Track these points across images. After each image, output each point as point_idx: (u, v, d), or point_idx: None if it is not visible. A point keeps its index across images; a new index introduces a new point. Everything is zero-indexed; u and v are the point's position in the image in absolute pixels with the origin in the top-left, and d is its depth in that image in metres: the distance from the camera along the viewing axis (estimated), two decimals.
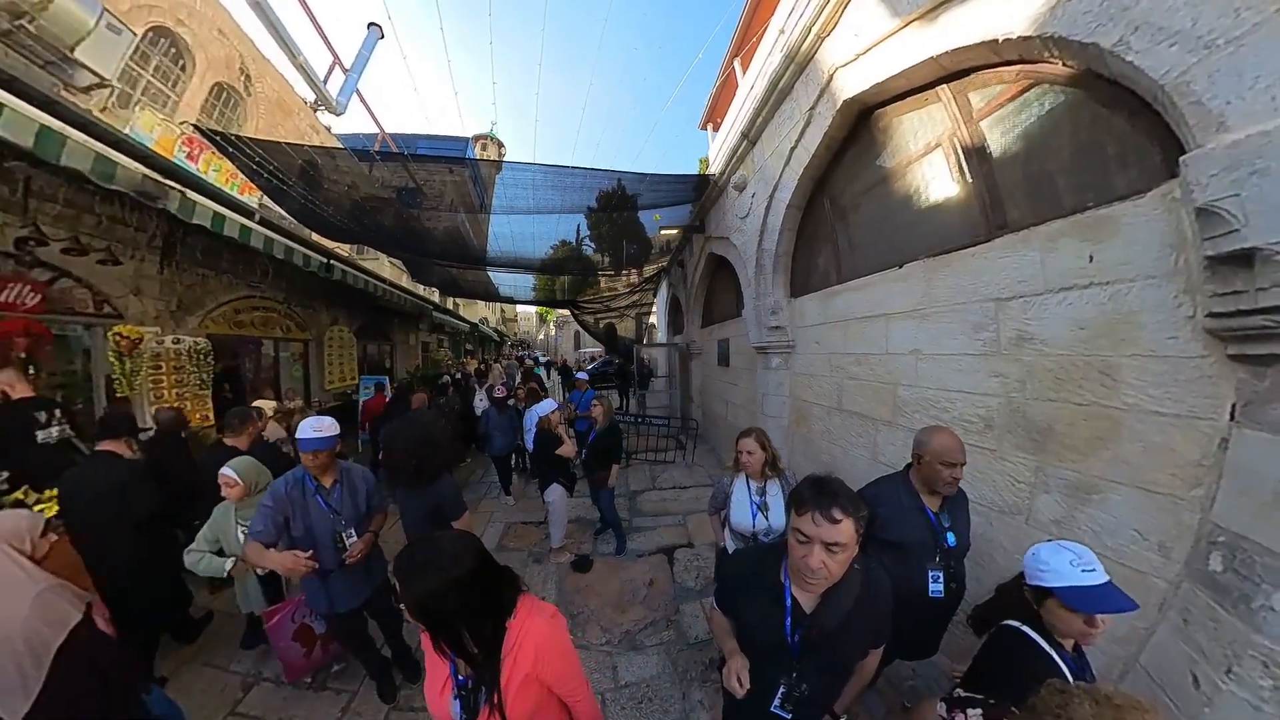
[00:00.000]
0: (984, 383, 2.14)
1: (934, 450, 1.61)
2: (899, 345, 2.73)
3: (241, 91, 6.87)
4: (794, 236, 4.10)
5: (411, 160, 5.50)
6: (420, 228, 6.27)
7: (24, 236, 3.47)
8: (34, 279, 3.61)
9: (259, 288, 5.93)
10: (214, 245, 4.77)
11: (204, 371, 4.88)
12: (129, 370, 4.14)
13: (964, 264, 2.27)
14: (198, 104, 6.25)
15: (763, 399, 4.45)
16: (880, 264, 2.94)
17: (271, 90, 7.42)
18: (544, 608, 1.13)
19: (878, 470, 2.70)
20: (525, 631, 1.04)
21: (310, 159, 5.12)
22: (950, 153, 2.39)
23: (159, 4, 5.53)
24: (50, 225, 3.62)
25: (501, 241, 6.49)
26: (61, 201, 3.62)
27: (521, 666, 1.01)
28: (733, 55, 6.04)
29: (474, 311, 19.50)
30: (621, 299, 10.84)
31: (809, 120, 3.31)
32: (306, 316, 6.96)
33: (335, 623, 2.16)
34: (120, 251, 4.12)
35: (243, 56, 6.70)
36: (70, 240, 3.74)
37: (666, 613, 3.07)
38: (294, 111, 8.06)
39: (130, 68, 5.32)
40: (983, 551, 2.01)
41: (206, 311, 5.19)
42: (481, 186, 6.52)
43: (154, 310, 4.56)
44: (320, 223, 6.15)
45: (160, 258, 4.53)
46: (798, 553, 1.04)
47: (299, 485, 1.98)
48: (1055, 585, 1.11)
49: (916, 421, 2.54)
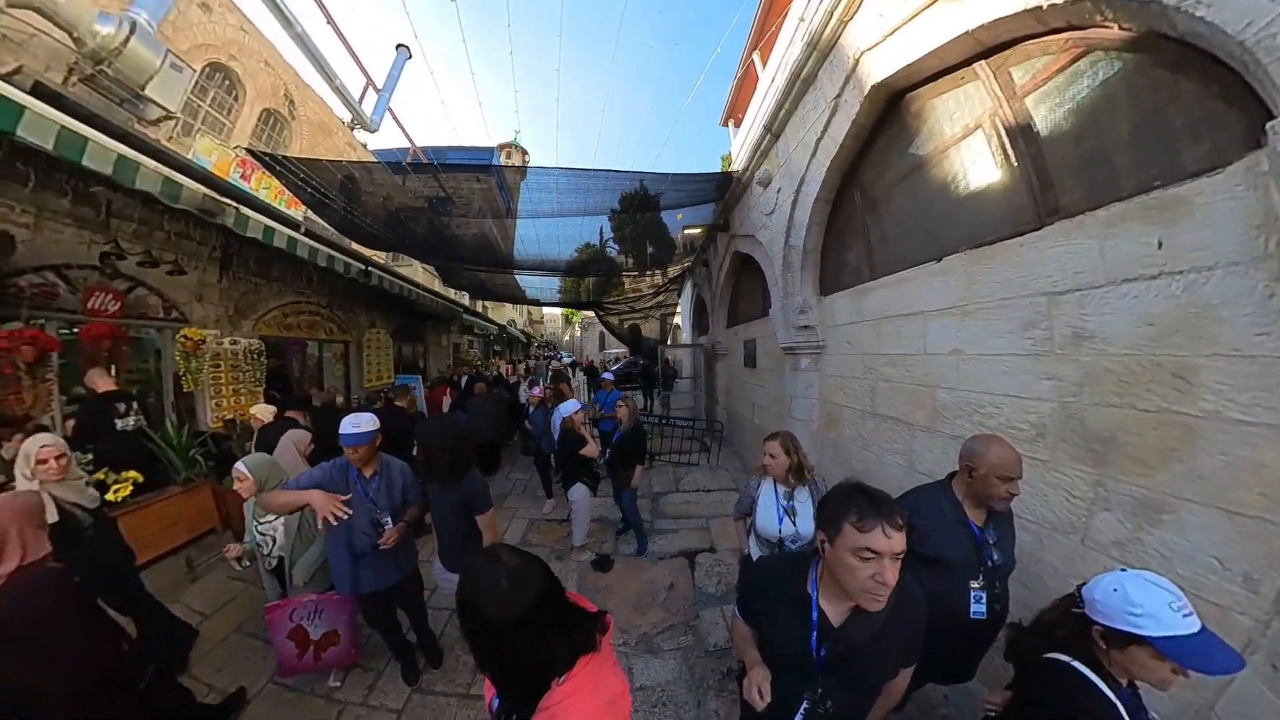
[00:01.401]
0: (1035, 386, 1.94)
1: (990, 463, 1.46)
2: (938, 345, 2.54)
3: (286, 116, 7.47)
4: (822, 232, 3.92)
5: (441, 171, 5.74)
6: (451, 234, 6.52)
7: (106, 251, 3.95)
8: (115, 288, 4.15)
9: (305, 293, 6.43)
10: (265, 255, 5.21)
11: (257, 370, 5.38)
12: (193, 368, 4.66)
13: (1010, 255, 2.07)
14: (249, 129, 6.84)
15: (791, 401, 4.28)
16: (916, 258, 2.75)
17: (313, 113, 8.01)
18: (607, 688, 0.90)
19: (914, 479, 2.52)
20: (568, 708, 0.85)
21: (349, 174, 5.45)
22: (992, 134, 2.20)
23: (214, 42, 6.08)
24: (128, 241, 4.09)
25: (527, 245, 6.63)
26: (137, 220, 4.08)
27: None
28: (752, 48, 5.89)
29: (502, 314, 20.06)
30: (646, 300, 10.84)
31: (835, 109, 3.15)
32: (347, 319, 7.48)
33: (362, 603, 2.29)
34: (186, 263, 4.62)
35: (287, 84, 7.28)
36: (144, 254, 4.23)
37: (685, 617, 3.02)
38: (333, 131, 8.64)
39: (191, 100, 5.86)
40: (1030, 572, 1.83)
41: (259, 315, 5.69)
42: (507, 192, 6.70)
43: (214, 315, 5.06)
44: (359, 232, 6.55)
45: (219, 268, 5.04)
46: (865, 572, 0.95)
47: (342, 471, 2.13)
48: (1153, 635, 0.92)
49: (958, 428, 2.35)
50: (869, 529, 0.95)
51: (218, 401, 4.98)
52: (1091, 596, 1.04)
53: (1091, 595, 1.04)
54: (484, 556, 0.93)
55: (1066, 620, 1.09)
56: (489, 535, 2.25)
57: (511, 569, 0.88)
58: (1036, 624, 1.21)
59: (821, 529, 1.07)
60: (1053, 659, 1.08)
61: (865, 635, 1.05)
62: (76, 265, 3.84)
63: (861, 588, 0.97)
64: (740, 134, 5.97)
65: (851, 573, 0.97)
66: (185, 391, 4.70)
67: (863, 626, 1.05)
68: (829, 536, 1.03)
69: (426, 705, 2.37)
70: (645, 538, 3.97)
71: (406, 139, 10.71)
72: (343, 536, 2.07)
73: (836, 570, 1.02)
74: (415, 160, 9.60)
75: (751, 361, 6.09)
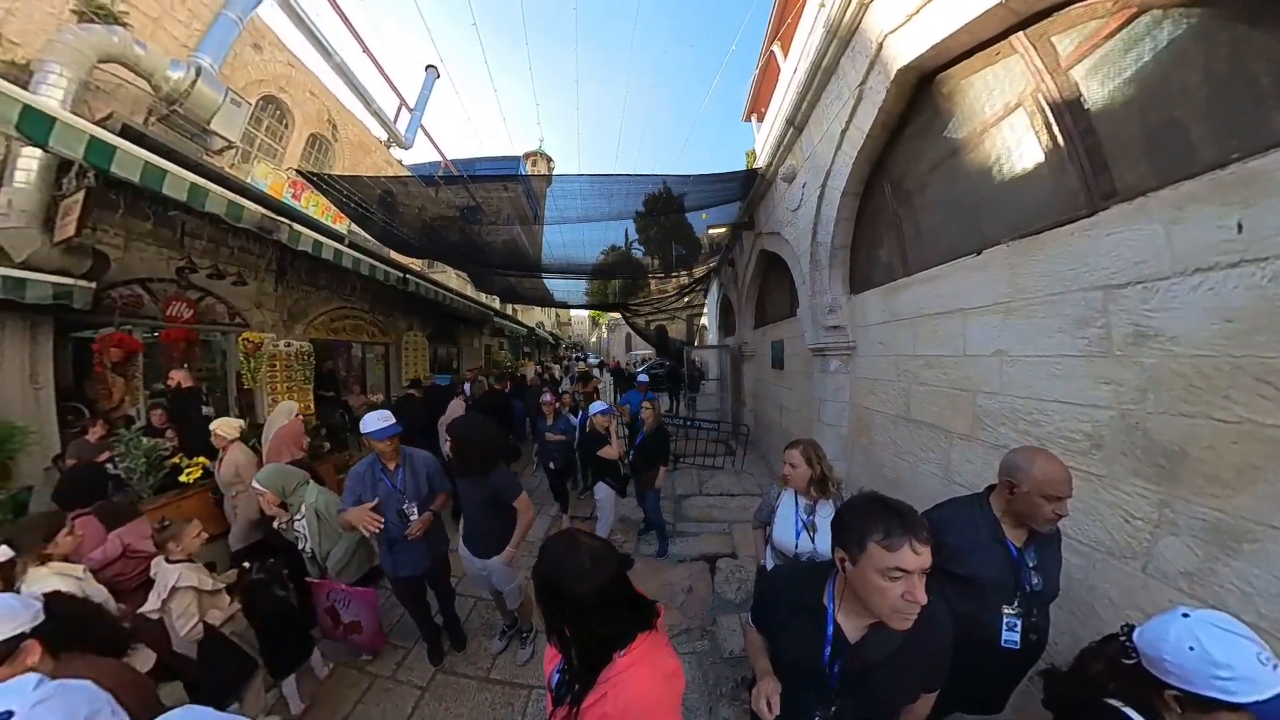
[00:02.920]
0: (1089, 391, 1.73)
1: (1035, 480, 1.31)
2: (979, 345, 2.32)
3: (330, 138, 8.10)
4: (851, 227, 3.72)
5: (471, 181, 5.97)
6: (481, 241, 6.79)
7: (181, 266, 4.50)
8: (189, 298, 4.74)
9: (349, 300, 6.99)
10: (314, 266, 5.70)
11: (307, 369, 5.90)
12: (253, 367, 5.23)
13: (1060, 245, 1.86)
14: (298, 153, 7.45)
15: (820, 405, 4.08)
16: (954, 252, 2.54)
17: (353, 134, 8.63)
18: (663, 663, 1.00)
19: (950, 491, 2.32)
20: (627, 678, 0.93)
21: (386, 188, 5.81)
22: (1035, 112, 1.99)
23: (266, 78, 6.70)
24: (198, 257, 4.65)
25: (554, 249, 6.76)
26: (206, 238, 4.58)
27: (605, 706, 0.93)
28: (771, 39, 5.71)
29: (530, 316, 20.56)
30: (671, 301, 10.78)
31: (859, 97, 2.97)
32: (387, 323, 8.04)
33: (397, 585, 2.46)
34: (247, 274, 5.17)
35: (330, 110, 7.92)
36: (212, 267, 4.77)
37: (703, 622, 2.98)
38: (371, 150, 9.27)
39: (248, 130, 6.41)
40: (1080, 601, 1.62)
41: (309, 320, 6.26)
42: (534, 200, 6.86)
43: (271, 320, 5.63)
44: (397, 242, 6.95)
45: (275, 278, 5.60)
46: (895, 591, 0.89)
47: (370, 467, 2.32)
48: (1251, 701, 0.76)
49: (1001, 436, 2.14)
50: (897, 547, 0.88)
51: (273, 398, 5.47)
52: (1158, 655, 0.86)
53: (1158, 653, 0.87)
54: (565, 539, 1.02)
55: (1118, 673, 0.94)
56: (526, 516, 2.34)
57: (593, 549, 0.99)
58: (1080, 672, 1.05)
59: (841, 548, 0.98)
60: (1108, 705, 0.93)
61: (882, 654, 0.99)
62: (157, 279, 4.43)
63: (892, 608, 0.91)
64: (763, 129, 5.80)
65: (880, 594, 0.91)
66: (245, 388, 5.29)
67: (880, 644, 0.99)
68: (851, 557, 0.95)
69: (449, 685, 2.49)
70: (667, 539, 3.96)
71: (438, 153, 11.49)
72: None
73: (862, 590, 0.96)
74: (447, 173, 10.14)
75: (779, 363, 5.89)
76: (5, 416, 3.25)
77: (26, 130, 2.57)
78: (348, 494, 2.29)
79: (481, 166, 15.46)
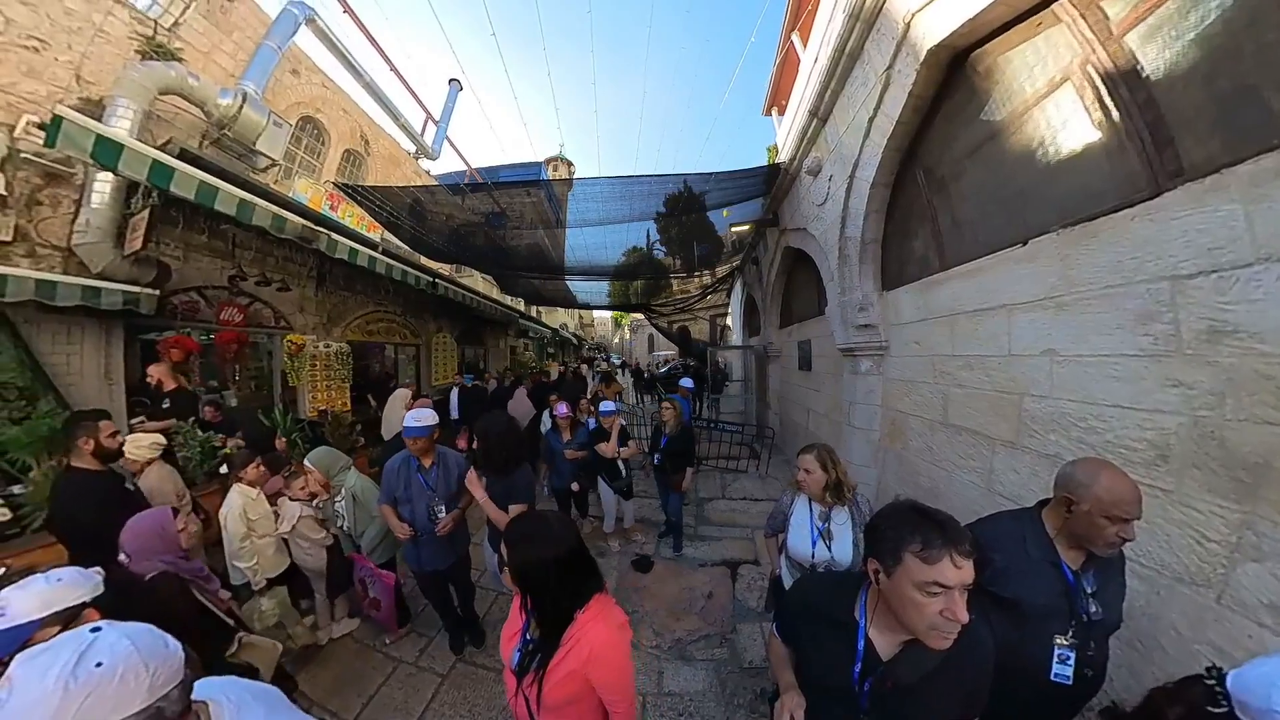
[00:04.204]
0: (1154, 394, 1.54)
1: (1099, 498, 1.15)
2: (1026, 344, 2.13)
3: (363, 153, 8.58)
4: (882, 219, 3.52)
5: (495, 188, 6.12)
6: (506, 246, 6.94)
7: (233, 274, 4.92)
8: (239, 303, 5.06)
9: (383, 304, 7.37)
10: (351, 272, 5.99)
11: (345, 369, 6.30)
12: (296, 367, 5.64)
13: (1119, 231, 1.68)
14: (334, 168, 7.93)
15: (849, 408, 3.90)
16: (996, 242, 2.35)
17: (384, 148, 9.11)
18: (615, 615, 1.16)
19: (992, 503, 2.15)
20: (587, 630, 1.09)
21: (416, 198, 6.06)
22: (1084, 86, 1.80)
23: (304, 100, 7.18)
24: (247, 266, 4.97)
25: (577, 252, 6.82)
26: (254, 249, 4.95)
27: (571, 661, 1.07)
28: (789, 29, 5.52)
29: (554, 318, 20.93)
30: (694, 301, 10.65)
31: (887, 82, 2.80)
32: (418, 325, 8.43)
33: (422, 579, 2.56)
34: (290, 281, 5.59)
35: (362, 127, 8.40)
36: (260, 275, 5.13)
37: (722, 629, 2.90)
38: (401, 162, 9.73)
39: (289, 149, 6.85)
40: (1142, 631, 1.45)
41: (346, 323, 6.67)
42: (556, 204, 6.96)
43: (312, 323, 6.04)
44: (426, 248, 7.23)
45: (316, 284, 6.01)
46: (933, 608, 0.83)
47: (406, 464, 2.39)
48: None
49: (1050, 444, 1.96)
50: (935, 559, 0.82)
51: (313, 395, 5.88)
52: (1268, 706, 0.74)
53: (1268, 704, 0.74)
54: (532, 514, 1.21)
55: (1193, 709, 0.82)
56: None
57: (560, 519, 1.19)
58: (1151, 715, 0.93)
59: (875, 559, 0.93)
60: None
61: (917, 674, 0.92)
62: (211, 286, 4.82)
63: (930, 625, 0.84)
64: (784, 122, 5.61)
65: (917, 609, 0.85)
66: (289, 386, 5.71)
67: (915, 664, 0.92)
68: (886, 568, 0.89)
69: (467, 675, 2.57)
70: (682, 538, 3.94)
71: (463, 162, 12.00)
72: (408, 521, 2.35)
73: (897, 605, 0.90)
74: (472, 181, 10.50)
75: (806, 364, 5.68)
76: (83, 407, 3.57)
77: (100, 157, 2.85)
78: (384, 488, 2.41)
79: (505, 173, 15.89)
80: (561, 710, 1.11)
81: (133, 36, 4.47)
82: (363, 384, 7.08)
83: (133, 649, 0.64)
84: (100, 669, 0.60)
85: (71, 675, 0.58)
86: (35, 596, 1.06)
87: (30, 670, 0.59)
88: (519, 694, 1.13)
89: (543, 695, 1.07)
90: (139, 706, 0.61)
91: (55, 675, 0.57)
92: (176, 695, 0.67)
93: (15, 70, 3.68)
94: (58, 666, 0.58)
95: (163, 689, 0.65)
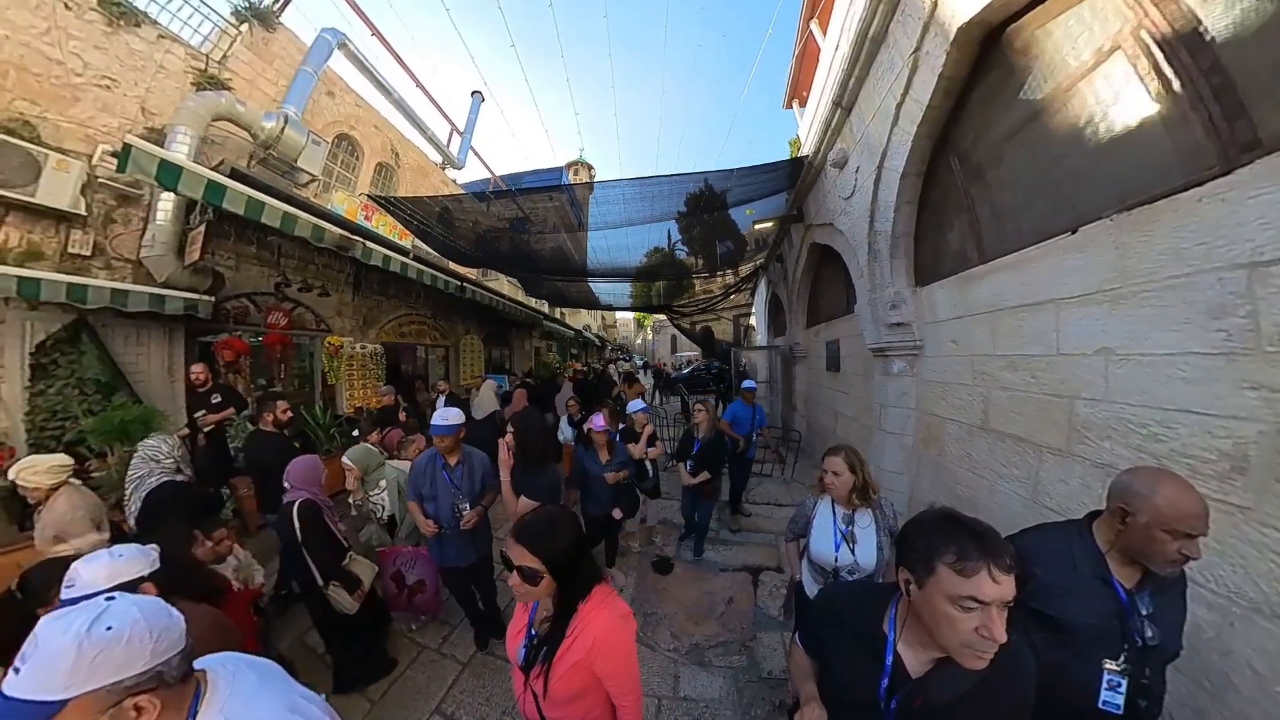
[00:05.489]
0: (1229, 398, 1.36)
1: (1158, 510, 1.04)
2: (1077, 342, 1.94)
3: (394, 166, 9.01)
4: (914, 211, 3.33)
5: (518, 194, 6.25)
6: (530, 250, 7.11)
7: (278, 282, 5.38)
8: (284, 308, 5.46)
9: (414, 307, 7.85)
10: (384, 278, 6.49)
11: (379, 369, 6.77)
12: (335, 367, 6.11)
13: (1184, 215, 1.50)
14: (368, 180, 8.36)
15: (881, 411, 3.69)
16: (1041, 231, 2.16)
17: (413, 160, 9.54)
18: (618, 605, 1.16)
19: (1037, 515, 1.97)
20: (590, 620, 1.10)
21: (444, 206, 6.33)
22: (1137, 54, 1.61)
23: (339, 119, 7.63)
24: (291, 273, 5.39)
25: (599, 254, 6.87)
26: (297, 258, 5.38)
27: (575, 652, 1.08)
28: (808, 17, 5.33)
29: (578, 319, 21.22)
30: (717, 301, 10.48)
31: (915, 65, 2.64)
32: (447, 327, 8.94)
33: (446, 574, 2.64)
34: (329, 287, 6.04)
35: (392, 141, 8.85)
36: (302, 282, 5.65)
37: (742, 636, 2.83)
38: (429, 173, 10.17)
39: (327, 164, 7.25)
40: (1210, 667, 1.27)
41: (380, 325, 7.13)
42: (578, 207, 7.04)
43: (349, 326, 6.51)
44: (454, 253, 7.51)
45: (352, 289, 6.47)
46: (967, 624, 0.77)
47: (432, 461, 2.47)
48: None
49: (1105, 453, 1.77)
50: (972, 572, 0.76)
51: (350, 393, 6.28)
52: None
53: None
54: (544, 509, 1.22)
55: None
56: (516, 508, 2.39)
57: (569, 512, 1.23)
58: None
59: (906, 568, 0.87)
60: None
61: (950, 695, 0.86)
62: (260, 292, 5.21)
63: (963, 643, 0.79)
64: (807, 114, 5.43)
65: (950, 625, 0.79)
66: (329, 385, 6.17)
67: (948, 683, 0.86)
68: (917, 579, 0.84)
69: (487, 665, 2.64)
70: (704, 541, 3.89)
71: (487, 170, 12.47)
72: (433, 518, 2.43)
73: (928, 619, 0.84)
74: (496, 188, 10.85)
75: (834, 365, 5.44)
76: (150, 402, 4.03)
77: (163, 179, 3.18)
78: (410, 486, 2.50)
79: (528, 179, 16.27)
80: (569, 705, 1.11)
81: (188, 70, 4.89)
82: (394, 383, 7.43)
83: (140, 617, 0.71)
84: (110, 632, 0.67)
85: (86, 635, 0.66)
86: (103, 569, 1.15)
87: (53, 629, 0.67)
88: (527, 689, 1.14)
89: (549, 688, 1.08)
90: (142, 668, 0.69)
91: (72, 634, 0.65)
92: (177, 662, 0.74)
93: (92, 106, 4.13)
94: (75, 627, 0.66)
95: (164, 654, 0.72)
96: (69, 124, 3.96)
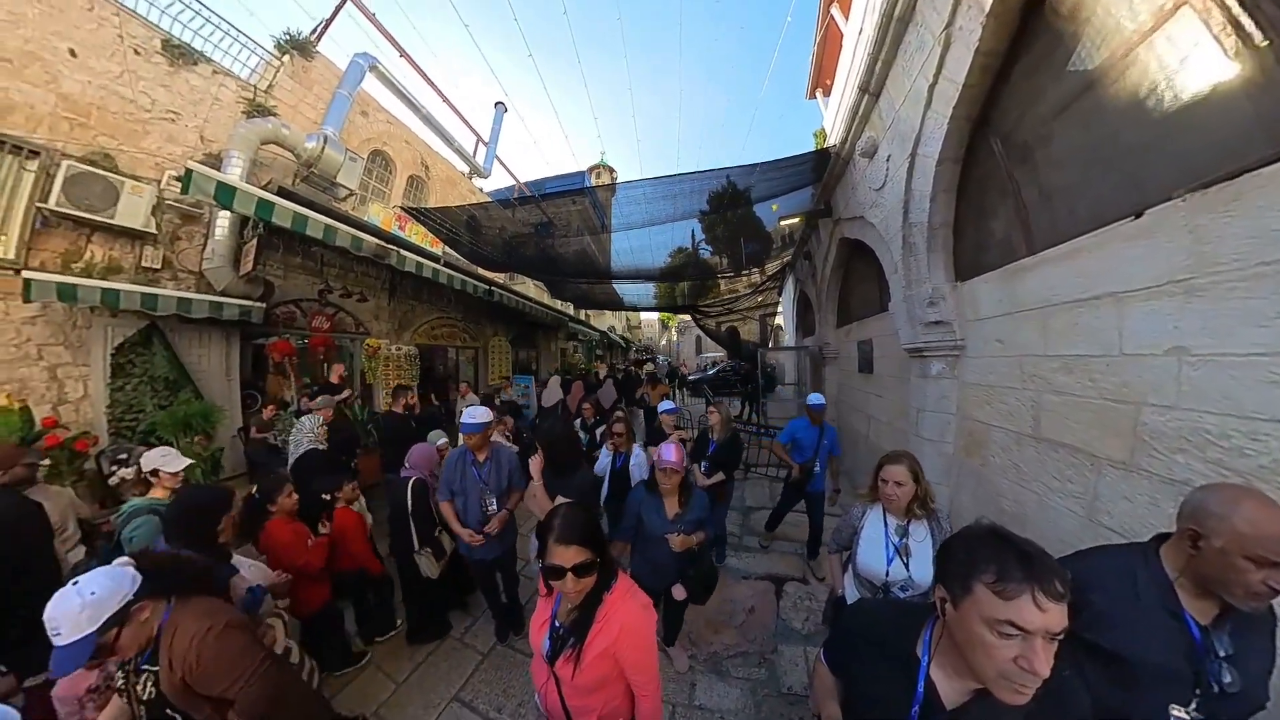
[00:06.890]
0: None
1: (1238, 532, 0.90)
2: (1144, 341, 1.72)
3: (424, 178, 9.50)
4: (953, 199, 3.09)
5: (542, 199, 6.40)
6: (555, 253, 7.28)
7: (321, 289, 5.85)
8: (327, 313, 5.91)
9: (445, 311, 8.24)
10: (418, 284, 6.73)
11: (413, 370, 7.09)
12: (372, 367, 6.53)
13: (1274, 190, 1.28)
14: (400, 192, 8.87)
15: (917, 416, 3.44)
16: (1100, 216, 1.93)
17: (441, 172, 10.04)
18: (640, 596, 1.22)
19: (1094, 535, 1.75)
20: (616, 609, 1.15)
21: (471, 214, 6.61)
22: (1209, 7, 1.40)
23: (373, 136, 8.13)
24: (333, 280, 5.83)
25: (623, 256, 6.93)
26: (338, 266, 5.82)
27: (603, 639, 1.12)
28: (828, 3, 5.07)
29: (602, 321, 21.31)
30: (743, 300, 10.24)
31: (947, 42, 2.43)
32: (476, 330, 9.34)
33: (473, 567, 2.73)
34: (367, 293, 6.41)
35: (421, 154, 9.35)
36: (343, 289, 5.99)
37: (762, 648, 2.73)
38: (457, 183, 10.66)
39: (363, 179, 7.72)
40: None
41: (414, 328, 7.54)
42: (600, 210, 7.09)
43: (386, 329, 6.87)
44: (482, 259, 7.82)
45: (388, 295, 6.90)
46: (1004, 653, 0.70)
47: (462, 457, 2.56)
48: None
49: (1177, 467, 1.54)
50: (1012, 595, 0.69)
51: (386, 392, 6.54)
52: None
53: None
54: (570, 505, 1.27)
55: None
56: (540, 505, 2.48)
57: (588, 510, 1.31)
58: None
59: (943, 584, 0.81)
60: None
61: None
62: (305, 299, 5.65)
63: (999, 673, 0.71)
64: (831, 103, 5.18)
65: (985, 651, 0.71)
66: (367, 384, 6.62)
67: (987, 717, 0.78)
68: (953, 597, 0.77)
69: (506, 657, 2.71)
70: (725, 547, 3.82)
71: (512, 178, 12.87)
72: (460, 512, 2.52)
73: (963, 643, 0.77)
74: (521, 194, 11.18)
75: (867, 366, 5.15)
76: (209, 398, 4.43)
77: (220, 199, 3.50)
78: (442, 483, 2.58)
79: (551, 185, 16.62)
80: (592, 693, 1.15)
81: (239, 100, 5.35)
82: (428, 383, 7.85)
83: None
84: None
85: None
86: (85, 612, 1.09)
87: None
88: (550, 679, 1.18)
89: (578, 674, 1.12)
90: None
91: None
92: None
93: (160, 137, 4.61)
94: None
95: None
96: (141, 154, 4.42)
